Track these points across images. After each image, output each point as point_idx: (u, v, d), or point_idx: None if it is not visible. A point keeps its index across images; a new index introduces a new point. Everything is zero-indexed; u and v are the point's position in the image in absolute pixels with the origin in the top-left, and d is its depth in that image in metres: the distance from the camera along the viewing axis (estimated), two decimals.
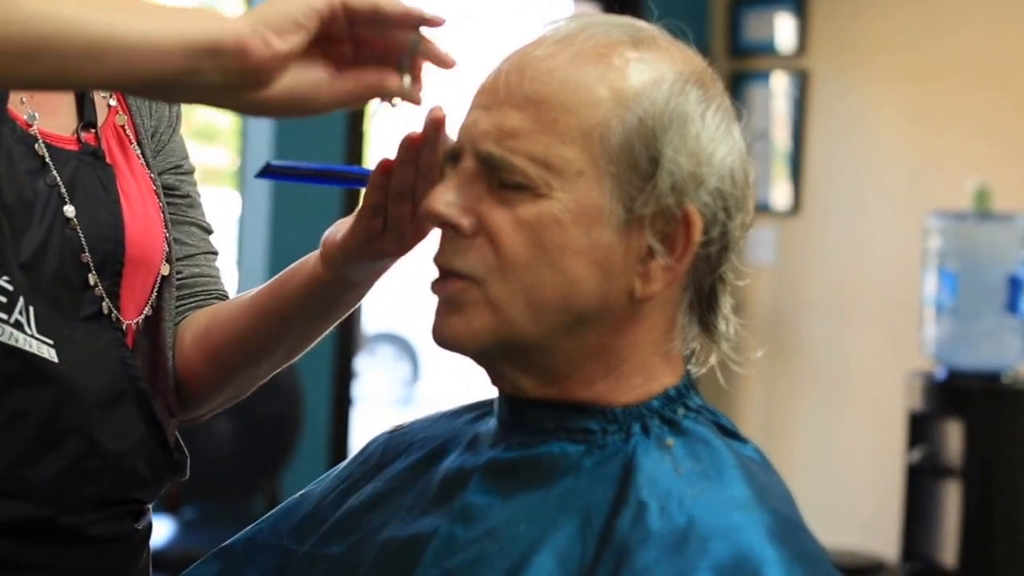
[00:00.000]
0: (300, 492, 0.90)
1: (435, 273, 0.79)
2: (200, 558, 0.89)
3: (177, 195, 1.00)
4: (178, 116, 1.01)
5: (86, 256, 0.88)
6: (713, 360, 0.80)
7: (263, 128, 2.98)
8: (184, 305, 0.99)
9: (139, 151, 0.96)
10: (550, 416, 0.78)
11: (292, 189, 3.20)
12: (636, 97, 0.75)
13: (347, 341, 3.06)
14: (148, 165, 0.96)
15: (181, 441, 0.96)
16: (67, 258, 0.88)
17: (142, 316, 0.94)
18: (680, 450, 0.76)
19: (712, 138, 0.76)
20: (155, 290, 0.95)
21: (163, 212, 0.96)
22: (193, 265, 1.00)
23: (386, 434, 0.90)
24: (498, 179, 0.76)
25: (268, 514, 0.90)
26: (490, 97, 0.77)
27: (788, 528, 0.72)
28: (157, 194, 0.96)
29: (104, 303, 0.90)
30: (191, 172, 1.01)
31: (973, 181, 2.98)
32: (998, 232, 3.00)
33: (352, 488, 0.86)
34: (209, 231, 1.03)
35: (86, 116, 0.92)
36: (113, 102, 0.95)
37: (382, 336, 6.57)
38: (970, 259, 2.98)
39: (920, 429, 2.88)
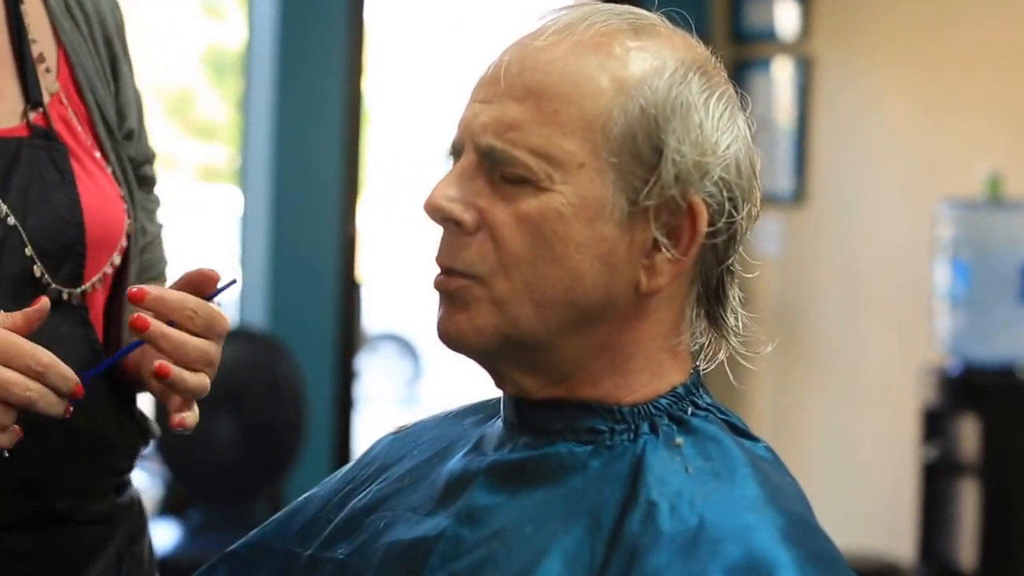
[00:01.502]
0: (304, 495, 0.89)
1: (437, 271, 0.78)
2: (205, 563, 0.89)
3: (147, 183, 1.00)
4: (137, 91, 0.99)
5: (29, 250, 0.87)
6: (722, 356, 0.79)
7: (263, 125, 2.98)
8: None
9: (91, 130, 0.93)
10: (556, 417, 0.77)
11: (294, 185, 3.21)
12: (638, 86, 0.74)
13: (348, 341, 3.05)
14: (101, 143, 0.94)
15: (139, 409, 0.97)
16: (21, 256, 0.87)
17: (97, 278, 0.92)
18: (690, 449, 0.75)
19: (716, 127, 0.75)
20: (110, 264, 0.94)
21: (122, 189, 0.94)
22: (148, 251, 1.01)
23: (390, 436, 0.89)
24: (499, 173, 0.75)
25: (272, 518, 0.89)
26: (490, 89, 0.76)
27: (802, 529, 0.72)
28: (114, 171, 0.94)
29: (64, 292, 0.89)
30: (147, 134, 1.01)
31: (984, 167, 2.95)
32: (1011, 219, 2.98)
33: (356, 491, 0.85)
34: (159, 204, 1.02)
35: (31, 96, 0.90)
36: (55, 87, 0.92)
37: (384, 336, 6.57)
38: (982, 248, 2.97)
39: (934, 425, 2.86)
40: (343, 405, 3.06)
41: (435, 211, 0.76)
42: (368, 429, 3.24)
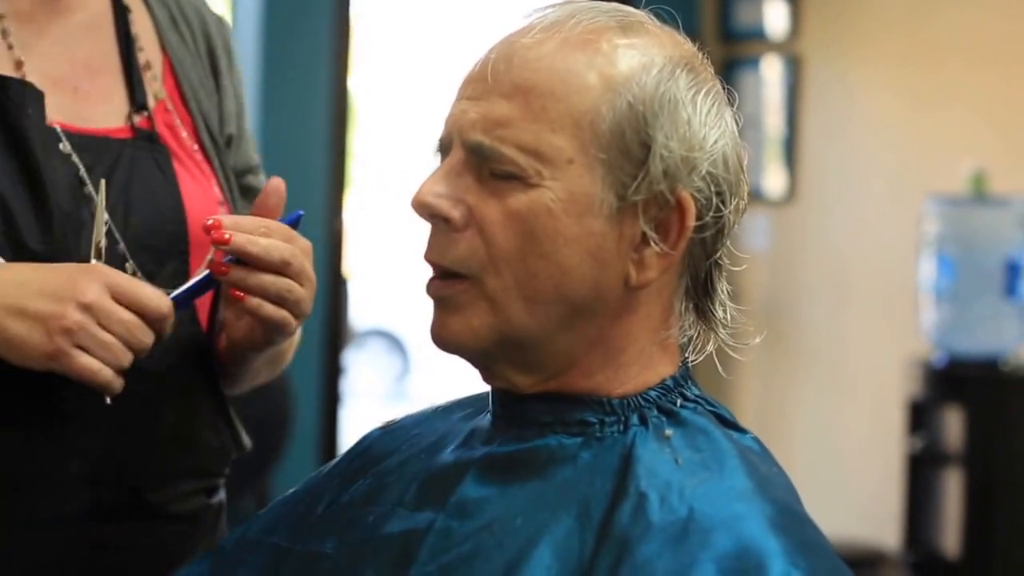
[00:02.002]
0: (291, 490, 0.89)
1: (429, 272, 0.78)
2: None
3: (252, 193, 1.02)
4: (240, 102, 1.02)
5: (122, 247, 0.90)
6: (711, 347, 0.80)
7: (249, 120, 2.96)
8: None
9: (196, 136, 0.97)
10: (546, 409, 0.78)
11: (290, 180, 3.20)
12: (625, 82, 0.75)
13: (336, 337, 3.05)
14: (205, 150, 0.97)
15: (235, 418, 0.99)
16: (116, 256, 0.89)
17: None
18: (679, 441, 0.76)
19: (703, 122, 0.75)
20: None
21: (223, 193, 0.97)
22: None
23: (378, 431, 0.89)
24: (488, 169, 0.75)
25: (258, 513, 0.89)
26: (477, 87, 0.76)
27: (790, 518, 0.72)
28: (217, 177, 0.97)
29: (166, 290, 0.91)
30: (260, 166, 1.05)
31: (969, 165, 2.98)
32: (995, 216, 3.00)
33: (344, 485, 0.85)
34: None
35: (137, 100, 0.93)
36: (162, 94, 0.96)
37: (371, 332, 6.56)
38: (967, 243, 2.99)
39: (920, 416, 2.88)
40: (330, 401, 3.05)
41: (423, 208, 0.76)
42: (356, 425, 3.24)
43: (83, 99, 0.90)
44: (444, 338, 0.77)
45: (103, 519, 0.88)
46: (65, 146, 0.89)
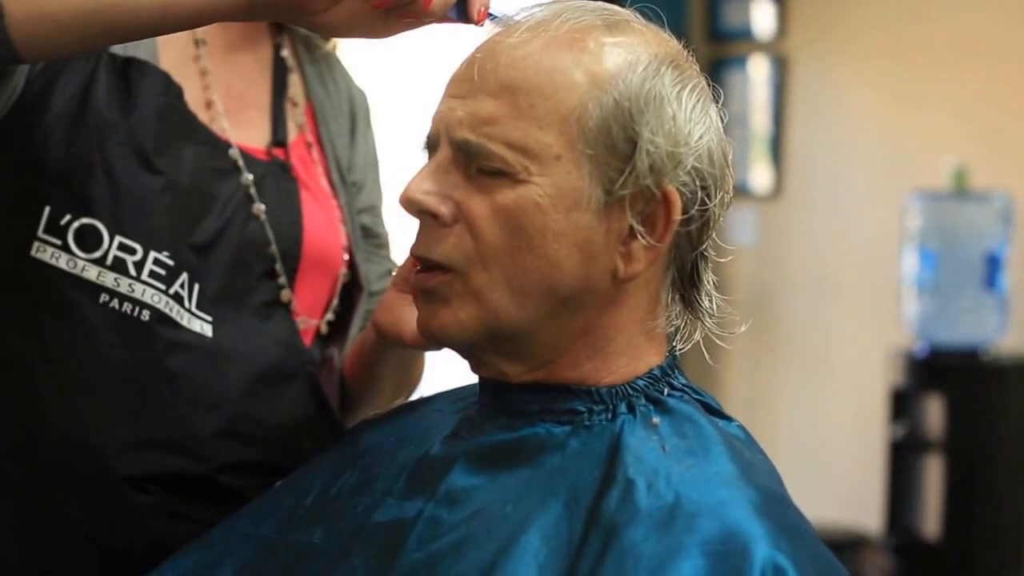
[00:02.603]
0: (279, 482, 0.90)
1: (416, 266, 0.78)
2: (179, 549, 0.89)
3: (372, 234, 1.07)
4: (374, 158, 1.09)
5: (272, 248, 0.95)
6: (698, 336, 0.81)
7: None
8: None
9: (328, 178, 1.02)
10: (535, 399, 0.78)
11: None
12: (612, 80, 0.75)
13: None
14: (336, 192, 1.02)
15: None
16: (246, 248, 0.94)
17: (324, 320, 1.00)
18: (666, 428, 0.76)
19: (688, 118, 0.76)
20: (336, 295, 1.01)
21: (347, 228, 1.02)
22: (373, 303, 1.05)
23: (366, 422, 0.90)
24: (475, 166, 0.75)
25: (248, 503, 0.89)
26: (464, 85, 0.76)
27: (774, 503, 0.73)
28: (343, 215, 1.02)
29: (284, 292, 0.96)
30: (383, 214, 1.09)
31: (950, 161, 3.01)
32: (976, 210, 3.02)
33: (333, 475, 0.85)
34: (390, 271, 1.08)
35: (279, 134, 1.00)
36: (304, 130, 1.02)
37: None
38: (949, 237, 3.01)
39: (902, 405, 2.91)
40: None
41: (411, 204, 0.76)
42: None
43: (231, 121, 0.96)
44: (432, 329, 0.77)
45: (181, 491, 0.90)
46: (234, 152, 0.95)
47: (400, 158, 1.02)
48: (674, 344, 0.81)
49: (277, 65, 1.02)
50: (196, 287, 0.91)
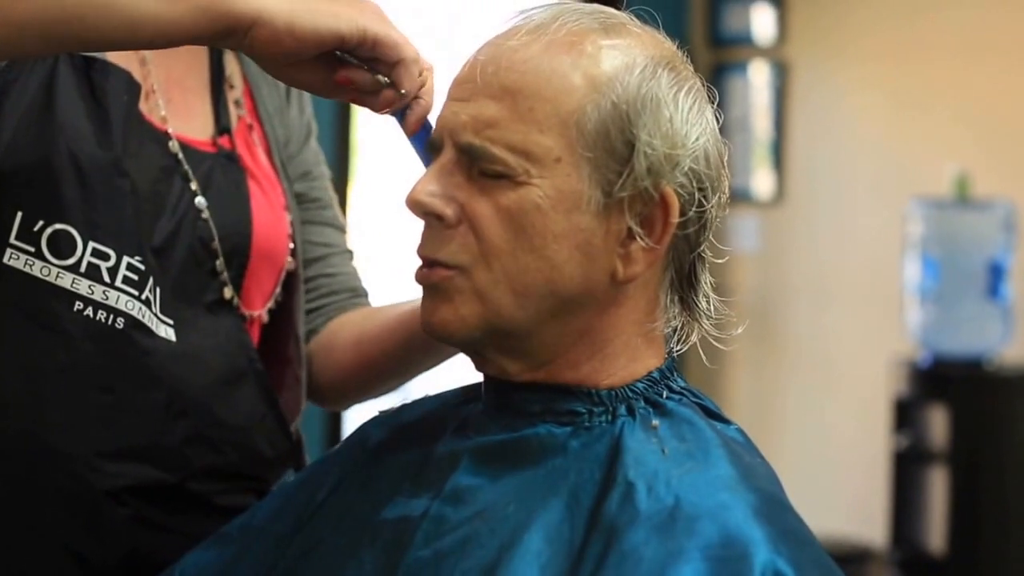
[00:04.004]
0: (293, 478, 0.91)
1: (419, 263, 0.79)
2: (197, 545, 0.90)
3: (307, 199, 1.05)
4: (309, 128, 1.07)
5: (215, 244, 0.94)
6: (695, 338, 0.81)
7: None
8: (328, 304, 1.04)
9: (269, 158, 1.01)
10: (536, 399, 0.79)
11: None
12: (609, 83, 0.76)
13: None
14: (278, 172, 1.01)
15: (301, 437, 1.02)
16: (196, 246, 0.93)
17: (266, 309, 0.99)
18: (665, 431, 0.77)
19: (685, 120, 0.77)
20: (279, 285, 0.99)
21: (290, 214, 1.00)
22: (329, 265, 1.05)
23: (374, 418, 0.91)
24: (478, 168, 0.76)
25: (262, 500, 0.91)
26: (466, 88, 0.78)
27: (774, 507, 0.73)
28: (286, 199, 1.01)
29: (226, 289, 0.95)
30: (323, 176, 1.07)
31: (952, 169, 3.01)
32: (978, 218, 3.03)
33: (343, 473, 0.86)
34: (343, 230, 1.07)
35: (222, 123, 0.98)
36: (243, 112, 1.01)
37: None
38: (951, 245, 3.01)
39: (905, 415, 2.90)
40: None
41: (416, 206, 0.78)
42: (356, 412, 3.24)
43: (173, 112, 0.96)
44: (434, 325, 0.78)
45: (151, 500, 0.90)
46: (174, 145, 0.94)
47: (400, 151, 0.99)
48: (672, 348, 0.81)
49: (212, 47, 1.00)
50: (158, 290, 0.91)
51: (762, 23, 3.57)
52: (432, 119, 0.83)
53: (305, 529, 0.84)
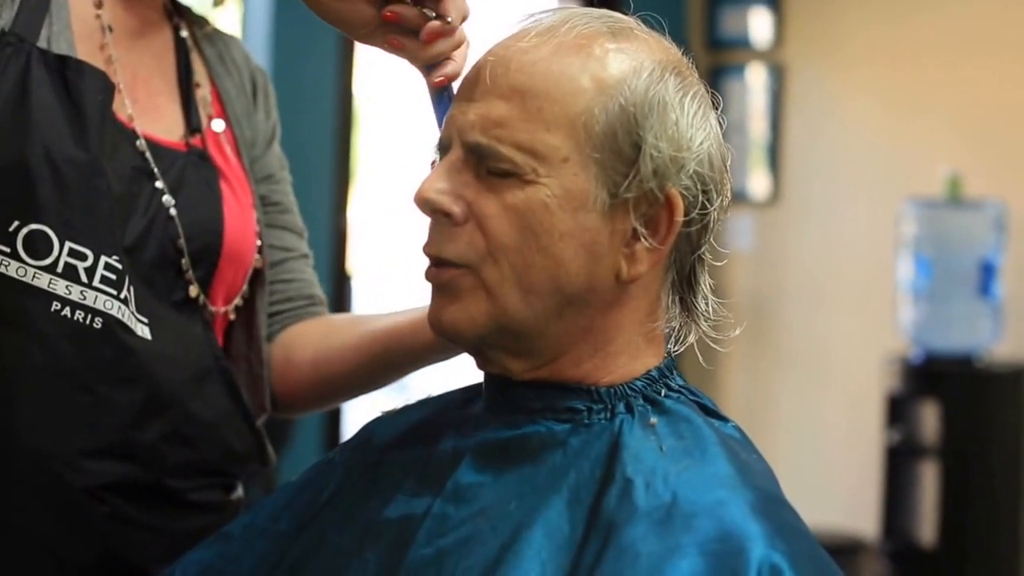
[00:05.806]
0: (295, 478, 0.91)
1: (427, 262, 0.80)
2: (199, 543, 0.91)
3: (269, 203, 1.06)
4: (274, 132, 1.08)
5: (181, 242, 0.94)
6: (692, 339, 0.82)
7: None
8: (284, 311, 1.05)
9: (238, 158, 1.02)
10: (537, 396, 0.79)
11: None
12: (617, 85, 0.77)
13: None
14: (246, 171, 1.03)
15: (264, 433, 1.03)
16: (166, 245, 0.94)
17: (232, 306, 1.00)
18: (663, 428, 0.77)
19: (690, 124, 0.78)
20: (245, 283, 1.00)
21: (257, 212, 1.02)
22: (286, 271, 1.06)
23: (378, 418, 0.92)
24: (486, 167, 0.77)
25: (264, 499, 0.91)
26: (476, 89, 0.78)
27: (770, 504, 0.74)
28: (253, 198, 1.02)
29: (192, 288, 0.96)
30: (285, 181, 1.08)
31: (945, 170, 3.04)
32: (970, 218, 3.05)
33: (347, 473, 0.87)
34: (301, 234, 1.08)
35: (193, 122, 1.00)
36: (211, 111, 1.02)
37: None
38: (943, 245, 3.04)
39: (897, 411, 2.93)
40: None
41: (425, 203, 0.78)
42: (359, 413, 3.26)
43: (140, 112, 0.96)
44: (443, 323, 0.79)
45: (128, 497, 0.90)
46: (141, 144, 0.94)
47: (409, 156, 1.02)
48: (671, 347, 0.82)
49: (179, 47, 1.01)
50: (132, 289, 0.91)
51: (759, 26, 3.59)
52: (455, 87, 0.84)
53: (308, 528, 0.85)
